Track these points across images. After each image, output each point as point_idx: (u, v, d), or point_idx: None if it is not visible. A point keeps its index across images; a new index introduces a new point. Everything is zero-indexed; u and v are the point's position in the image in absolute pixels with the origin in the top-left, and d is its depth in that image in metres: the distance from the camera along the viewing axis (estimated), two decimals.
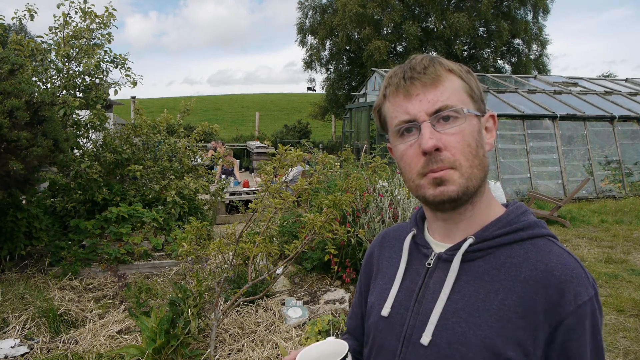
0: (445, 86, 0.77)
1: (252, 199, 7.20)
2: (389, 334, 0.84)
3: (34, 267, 4.58)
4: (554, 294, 0.72)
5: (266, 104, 38.42)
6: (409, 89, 0.78)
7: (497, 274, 0.77)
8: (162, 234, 5.26)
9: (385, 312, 0.86)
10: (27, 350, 3.13)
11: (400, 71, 0.80)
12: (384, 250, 0.98)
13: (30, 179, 4.04)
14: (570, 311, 0.71)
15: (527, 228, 0.80)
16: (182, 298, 3.04)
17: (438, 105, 0.76)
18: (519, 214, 0.82)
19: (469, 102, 0.79)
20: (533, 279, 0.74)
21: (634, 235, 6.58)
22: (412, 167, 0.78)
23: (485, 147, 0.80)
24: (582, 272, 0.74)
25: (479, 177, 0.78)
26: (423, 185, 0.78)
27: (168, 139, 6.12)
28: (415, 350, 0.79)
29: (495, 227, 0.80)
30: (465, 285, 0.78)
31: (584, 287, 0.73)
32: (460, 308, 0.76)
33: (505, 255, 0.78)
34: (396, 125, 0.79)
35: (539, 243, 0.78)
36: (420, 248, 0.88)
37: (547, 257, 0.75)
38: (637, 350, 3.23)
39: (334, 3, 21.75)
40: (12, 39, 4.69)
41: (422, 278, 0.84)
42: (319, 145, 17.02)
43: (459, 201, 0.78)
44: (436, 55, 0.82)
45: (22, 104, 3.72)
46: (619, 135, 10.39)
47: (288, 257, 3.17)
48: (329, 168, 5.39)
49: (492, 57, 22.04)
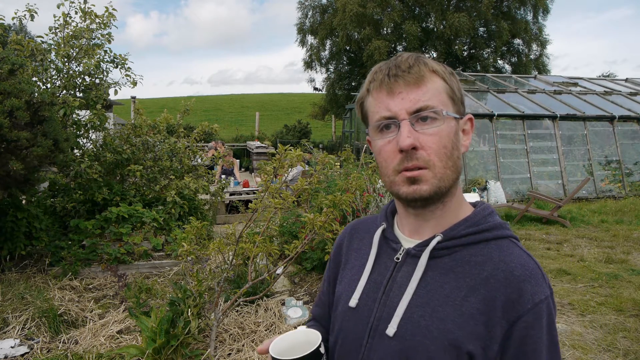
0: (428, 87, 0.79)
1: (252, 199, 7.20)
2: (355, 324, 0.87)
3: (34, 267, 4.58)
4: (513, 293, 0.75)
5: (266, 104, 38.42)
6: (392, 87, 0.80)
7: (462, 271, 0.80)
8: (162, 234, 5.25)
9: (353, 302, 0.88)
10: (27, 350, 3.13)
11: (385, 67, 0.82)
12: (353, 241, 1.01)
13: (30, 179, 4.04)
14: (528, 309, 0.74)
15: (492, 229, 0.83)
16: (182, 298, 3.04)
17: (419, 105, 0.78)
18: (486, 215, 0.86)
19: (449, 104, 0.81)
20: (494, 277, 0.77)
21: (634, 235, 6.58)
22: (389, 163, 0.81)
23: (460, 149, 0.83)
24: (540, 273, 0.78)
25: (452, 178, 0.81)
26: (397, 182, 0.80)
27: (168, 139, 6.12)
28: (381, 341, 0.82)
29: (462, 226, 0.84)
30: (431, 281, 0.81)
31: (541, 287, 0.77)
32: (425, 302, 0.80)
33: (470, 254, 0.81)
34: (377, 121, 0.82)
35: (503, 244, 0.82)
36: (389, 242, 0.91)
37: (509, 258, 0.79)
38: (637, 350, 3.23)
39: (334, 3, 21.73)
40: (12, 39, 4.69)
41: (390, 271, 0.87)
42: (319, 145, 17.01)
43: (430, 200, 0.81)
44: (421, 55, 0.84)
45: (22, 104, 3.72)
46: (619, 135, 10.39)
47: (288, 257, 3.17)
48: (329, 168, 5.39)
49: (492, 57, 22.02)
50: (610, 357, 3.16)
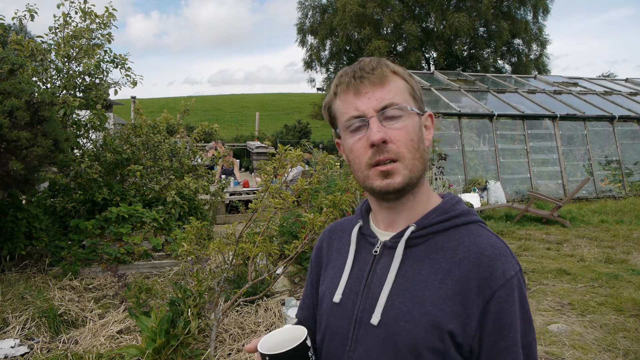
0: (391, 86, 0.85)
1: (252, 199, 7.20)
2: (341, 318, 0.90)
3: (34, 267, 4.58)
4: (485, 271, 0.80)
5: (266, 104, 38.42)
6: (359, 87, 0.85)
7: (437, 257, 0.85)
8: (162, 234, 5.26)
9: (337, 298, 0.92)
10: (27, 350, 3.13)
11: (350, 71, 0.87)
12: (333, 242, 1.05)
13: (30, 179, 4.04)
14: (500, 285, 0.79)
15: (460, 215, 0.89)
16: (182, 298, 3.04)
17: (385, 102, 0.83)
18: (454, 204, 0.91)
19: (411, 102, 0.87)
20: (467, 259, 0.82)
21: (634, 235, 6.58)
22: (361, 158, 0.85)
23: (425, 142, 0.88)
24: (508, 252, 0.84)
25: (420, 168, 0.86)
26: (370, 177, 0.85)
27: (168, 139, 6.12)
28: (366, 331, 0.85)
29: (433, 215, 0.89)
30: (409, 269, 0.86)
31: (511, 264, 0.82)
32: (405, 289, 0.84)
33: (443, 240, 0.86)
34: (346, 121, 0.86)
35: (472, 228, 0.88)
36: (367, 238, 0.95)
37: (479, 240, 0.85)
38: (637, 350, 3.23)
39: (334, 3, 21.74)
40: (12, 39, 4.69)
41: (370, 265, 0.91)
42: (319, 145, 17.00)
43: (403, 191, 0.85)
44: (382, 58, 0.89)
45: (22, 104, 3.72)
46: (619, 135, 10.39)
47: (288, 257, 3.17)
48: (329, 168, 5.39)
49: (492, 57, 22.04)
50: (610, 357, 3.16)
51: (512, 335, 0.79)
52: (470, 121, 9.72)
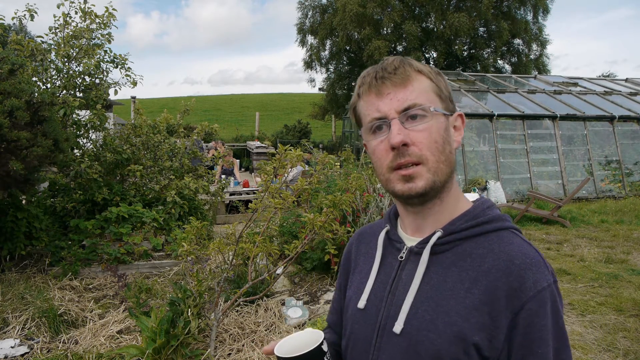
0: (414, 86, 0.82)
1: (252, 199, 7.20)
2: (364, 325, 0.88)
3: (34, 267, 4.58)
4: (514, 281, 0.76)
5: (266, 104, 38.40)
6: (381, 88, 0.83)
7: (464, 264, 0.81)
8: (162, 234, 5.25)
9: (362, 304, 0.90)
10: (27, 350, 3.13)
11: (372, 71, 0.85)
12: (361, 247, 1.03)
13: (30, 179, 4.04)
14: (530, 296, 0.75)
15: (492, 221, 0.85)
16: (182, 298, 3.04)
17: (407, 103, 0.81)
18: (485, 208, 0.87)
19: (436, 102, 0.84)
20: (496, 268, 0.78)
21: (634, 235, 6.58)
22: (383, 161, 0.83)
23: (452, 144, 0.85)
24: (541, 261, 0.79)
25: (446, 172, 0.82)
26: (392, 180, 0.82)
27: (168, 139, 6.12)
28: (389, 339, 0.83)
29: (461, 220, 0.85)
30: (434, 276, 0.83)
31: (543, 275, 0.77)
32: (430, 297, 0.81)
33: (471, 247, 0.82)
34: (369, 122, 0.85)
35: (503, 235, 0.83)
36: (393, 243, 0.93)
37: (509, 248, 0.80)
38: (637, 350, 3.23)
39: (334, 3, 21.73)
40: (12, 39, 4.69)
41: (395, 271, 0.88)
42: (319, 145, 17.00)
43: (426, 196, 0.82)
44: (406, 57, 0.87)
45: (22, 104, 3.72)
46: (619, 135, 10.39)
47: (288, 257, 3.17)
48: (329, 168, 5.39)
49: (492, 57, 22.02)
50: (610, 357, 3.16)
51: (542, 351, 0.74)
52: (470, 121, 9.72)
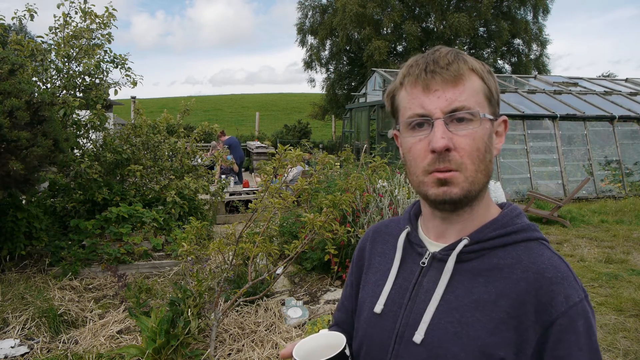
0: (466, 86, 0.76)
1: (252, 199, 7.20)
2: (381, 331, 0.85)
3: (34, 267, 4.58)
4: (545, 295, 0.72)
5: (266, 104, 38.41)
6: (429, 83, 0.76)
7: (490, 275, 0.77)
8: (162, 234, 5.25)
9: (378, 308, 0.86)
10: (27, 350, 3.13)
11: (422, 62, 0.78)
12: (377, 244, 0.98)
13: (30, 179, 4.04)
14: (562, 312, 0.71)
15: (520, 231, 0.80)
16: (182, 298, 3.04)
17: (455, 105, 0.75)
18: (513, 217, 0.82)
19: (485, 106, 0.78)
20: (525, 280, 0.74)
21: (634, 235, 6.57)
22: (419, 162, 0.77)
23: (493, 152, 0.79)
24: (572, 275, 0.76)
25: (482, 182, 0.78)
26: (427, 183, 0.77)
27: (168, 139, 6.13)
28: (407, 348, 0.79)
29: (489, 229, 0.81)
30: (458, 286, 0.78)
31: (574, 290, 0.73)
32: (454, 308, 0.77)
33: (498, 257, 0.78)
34: (409, 117, 0.78)
35: (532, 246, 0.79)
36: (414, 246, 0.88)
37: (539, 260, 0.76)
38: (637, 350, 3.23)
39: (334, 3, 21.74)
40: (12, 39, 4.69)
41: (416, 276, 0.84)
42: (319, 145, 17.00)
43: (459, 204, 0.78)
44: (461, 51, 0.80)
45: (22, 104, 3.72)
46: (619, 135, 10.39)
47: (288, 257, 3.17)
48: (329, 168, 5.39)
49: (492, 57, 22.03)
50: (610, 357, 3.16)
51: None
52: None
